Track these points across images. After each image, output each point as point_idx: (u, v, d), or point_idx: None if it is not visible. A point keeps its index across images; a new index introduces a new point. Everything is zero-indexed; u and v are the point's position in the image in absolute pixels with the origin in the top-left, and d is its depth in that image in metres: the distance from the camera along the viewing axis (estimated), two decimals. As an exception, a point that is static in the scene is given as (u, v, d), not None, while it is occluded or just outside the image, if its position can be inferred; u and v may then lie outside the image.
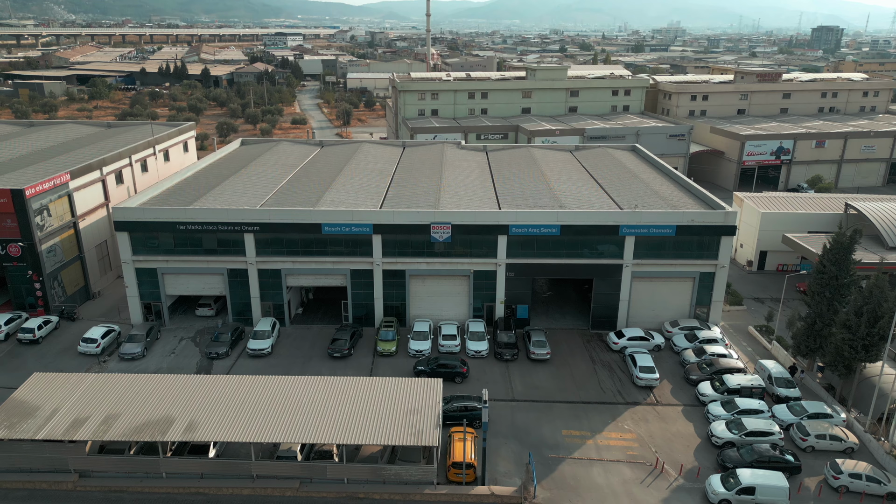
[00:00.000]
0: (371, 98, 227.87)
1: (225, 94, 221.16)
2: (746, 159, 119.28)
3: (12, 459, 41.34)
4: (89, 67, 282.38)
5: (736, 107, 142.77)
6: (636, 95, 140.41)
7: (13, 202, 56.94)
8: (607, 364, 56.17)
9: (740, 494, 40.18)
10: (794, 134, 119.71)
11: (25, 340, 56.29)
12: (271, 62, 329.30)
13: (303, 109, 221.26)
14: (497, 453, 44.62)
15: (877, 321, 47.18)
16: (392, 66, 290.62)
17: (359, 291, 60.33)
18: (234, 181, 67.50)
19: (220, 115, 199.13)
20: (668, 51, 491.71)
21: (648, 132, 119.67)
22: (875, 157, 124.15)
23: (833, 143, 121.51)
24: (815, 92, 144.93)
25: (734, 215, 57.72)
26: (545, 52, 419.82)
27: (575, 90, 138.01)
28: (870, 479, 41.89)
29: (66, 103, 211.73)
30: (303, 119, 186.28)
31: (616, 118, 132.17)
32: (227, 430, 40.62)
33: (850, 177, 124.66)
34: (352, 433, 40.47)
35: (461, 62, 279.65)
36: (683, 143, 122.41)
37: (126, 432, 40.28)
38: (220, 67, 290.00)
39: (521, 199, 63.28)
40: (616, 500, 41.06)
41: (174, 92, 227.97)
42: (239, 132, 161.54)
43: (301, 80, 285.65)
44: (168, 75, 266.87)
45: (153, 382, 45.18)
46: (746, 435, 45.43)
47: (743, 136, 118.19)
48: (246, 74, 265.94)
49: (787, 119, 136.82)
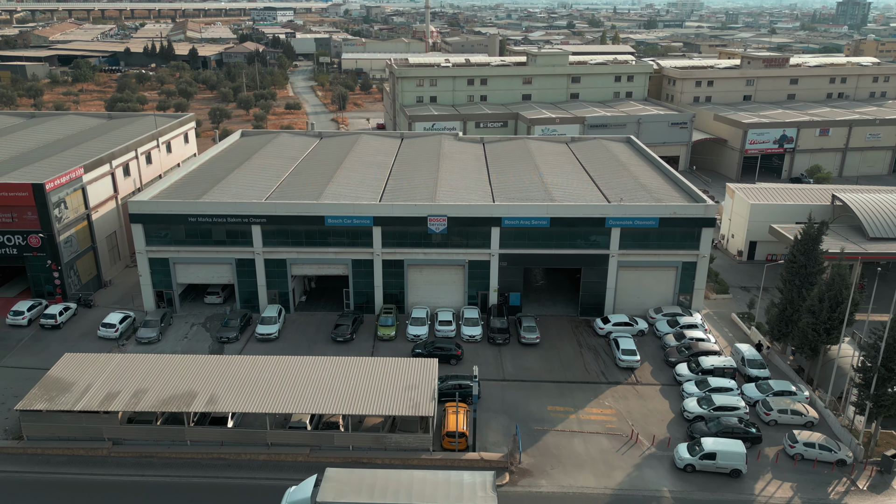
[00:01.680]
0: (367, 80, 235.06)
1: (215, 76, 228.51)
2: (749, 148, 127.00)
3: (52, 429, 49.75)
4: (71, 47, 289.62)
5: (742, 93, 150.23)
6: (639, 81, 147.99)
7: (34, 196, 65.14)
8: (593, 348, 64.60)
9: (703, 459, 48.59)
10: (797, 122, 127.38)
11: (48, 325, 64.71)
12: (261, 40, 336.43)
13: (296, 93, 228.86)
14: (488, 426, 53.06)
15: (837, 306, 55.45)
16: (389, 45, 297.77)
17: (360, 280, 68.66)
18: (239, 174, 75.64)
19: (211, 99, 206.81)
20: (682, 26, 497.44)
21: (650, 120, 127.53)
22: (881, 145, 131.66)
23: (837, 131, 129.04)
24: (824, 77, 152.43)
25: (713, 208, 65.90)
26: (551, 29, 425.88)
27: (576, 76, 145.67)
28: (822, 447, 50.27)
29: (50, 86, 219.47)
30: (297, 104, 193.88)
31: (618, 105, 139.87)
32: (245, 402, 49.10)
33: (854, 165, 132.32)
34: (356, 405, 48.94)
35: (461, 41, 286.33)
36: (686, 132, 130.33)
37: (155, 404, 48.75)
38: (209, 47, 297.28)
39: (515, 192, 71.46)
40: (593, 466, 49.51)
41: (161, 74, 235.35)
42: (232, 118, 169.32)
43: (293, 60, 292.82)
44: (154, 56, 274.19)
45: (175, 361, 53.64)
46: (715, 410, 53.80)
47: (745, 124, 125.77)
48: (236, 55, 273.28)
49: (794, 106, 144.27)
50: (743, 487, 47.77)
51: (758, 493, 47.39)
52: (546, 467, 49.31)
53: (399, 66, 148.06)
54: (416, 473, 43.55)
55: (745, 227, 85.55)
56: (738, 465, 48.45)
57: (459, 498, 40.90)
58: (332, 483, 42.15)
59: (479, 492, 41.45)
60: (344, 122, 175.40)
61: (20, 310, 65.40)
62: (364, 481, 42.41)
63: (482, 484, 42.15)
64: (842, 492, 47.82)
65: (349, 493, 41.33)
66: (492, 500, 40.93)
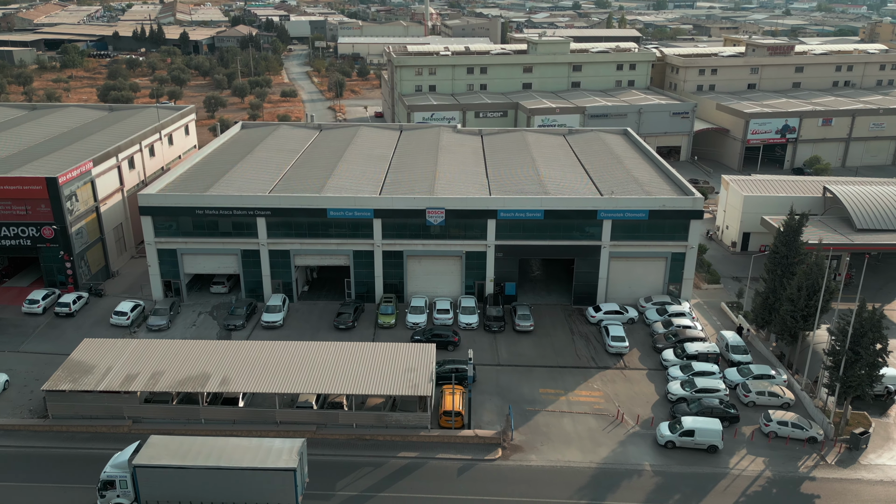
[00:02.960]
0: (364, 66, 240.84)
1: (207, 62, 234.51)
2: (751, 138, 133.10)
3: (76, 408, 56.40)
4: (57, 31, 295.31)
5: (746, 81, 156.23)
6: (642, 70, 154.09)
7: (48, 189, 71.57)
8: (585, 335, 71.21)
9: (682, 436, 55.20)
10: (799, 112, 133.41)
11: (62, 313, 71.31)
12: (253, 23, 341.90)
13: (291, 79, 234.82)
14: (482, 407, 59.70)
15: (814, 295, 61.90)
16: (386, 28, 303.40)
17: (361, 270, 75.19)
18: (242, 167, 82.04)
19: (205, 85, 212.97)
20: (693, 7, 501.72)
21: (651, 110, 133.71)
22: (884, 134, 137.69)
23: (840, 121, 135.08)
24: (829, 65, 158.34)
25: (701, 201, 72.33)
26: (556, 10, 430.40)
27: (578, 65, 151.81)
28: (795, 426, 56.87)
29: (38, 72, 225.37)
30: (293, 91, 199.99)
31: (620, 94, 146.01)
32: (255, 383, 55.73)
33: (858, 155, 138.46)
34: (359, 386, 55.58)
35: (462, 24, 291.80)
36: (687, 121, 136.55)
37: (172, 385, 55.38)
38: (200, 31, 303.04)
39: (511, 185, 77.87)
40: (580, 443, 56.15)
41: (152, 60, 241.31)
42: (227, 106, 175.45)
43: (287, 44, 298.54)
44: (143, 40, 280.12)
45: (188, 346, 60.26)
46: (697, 392, 60.39)
47: (747, 113, 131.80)
48: (228, 39, 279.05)
49: (799, 94, 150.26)
50: (719, 462, 54.39)
51: (732, 466, 54.03)
52: (536, 444, 55.94)
53: (398, 54, 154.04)
54: (231, 440, 49.42)
55: (739, 219, 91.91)
56: (715, 442, 55.03)
57: (264, 461, 46.76)
58: (150, 448, 47.92)
59: (285, 455, 47.34)
60: (341, 109, 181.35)
61: (35, 298, 72.05)
62: (182, 447, 47.99)
63: (289, 449, 47.92)
64: (811, 466, 54.44)
65: (164, 456, 47.07)
66: (293, 462, 46.71)
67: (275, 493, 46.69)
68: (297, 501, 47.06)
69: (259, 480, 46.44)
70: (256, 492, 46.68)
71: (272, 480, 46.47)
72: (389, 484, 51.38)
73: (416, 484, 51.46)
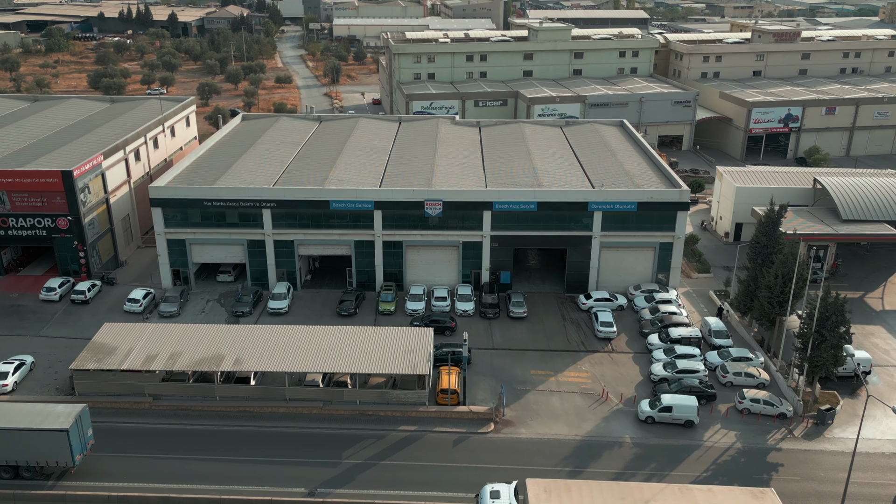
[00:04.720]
0: (361, 50, 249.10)
1: (198, 45, 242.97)
2: (754, 127, 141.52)
3: (101, 386, 65.57)
4: (40, 11, 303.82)
5: (751, 68, 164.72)
6: (644, 57, 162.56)
7: (63, 181, 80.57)
8: (575, 321, 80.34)
9: (661, 412, 64.32)
10: (802, 100, 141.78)
11: (78, 301, 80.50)
12: (244, 3, 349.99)
13: (285, 63, 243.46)
14: (477, 386, 68.86)
15: (789, 282, 70.88)
16: (384, 9, 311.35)
17: (362, 260, 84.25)
18: (246, 159, 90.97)
19: (196, 71, 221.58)
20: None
21: (652, 99, 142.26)
22: (889, 123, 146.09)
23: (844, 110, 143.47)
24: (836, 52, 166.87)
25: (687, 193, 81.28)
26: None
27: (579, 52, 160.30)
28: (766, 403, 66.00)
29: (23, 56, 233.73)
30: (287, 77, 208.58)
31: (622, 82, 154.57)
32: (266, 363, 64.91)
33: (862, 144, 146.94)
34: (362, 366, 64.74)
35: (463, 4, 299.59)
36: (689, 110, 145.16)
37: (189, 364, 64.56)
38: (189, 12, 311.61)
39: (506, 178, 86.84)
40: (567, 418, 65.29)
41: (141, 43, 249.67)
42: (221, 94, 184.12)
43: (280, 25, 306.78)
44: (130, 21, 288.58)
45: (202, 330, 69.41)
46: (678, 373, 69.47)
47: (749, 102, 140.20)
48: (219, 20, 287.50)
49: (804, 82, 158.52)
50: (694, 435, 63.52)
51: (706, 439, 63.15)
52: (526, 419, 65.11)
53: (396, 41, 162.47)
54: (16, 405, 57.98)
55: (731, 210, 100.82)
56: (691, 417, 64.18)
57: (41, 423, 54.62)
58: None
59: (62, 418, 54.92)
60: (338, 96, 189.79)
61: (52, 286, 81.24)
62: None
63: (68, 413, 55.60)
64: (779, 439, 63.57)
65: None
66: (68, 423, 54.29)
67: (51, 452, 54.81)
68: (73, 461, 55.11)
69: (35, 440, 54.51)
70: (34, 451, 54.83)
71: (47, 440, 54.46)
72: (391, 454, 60.55)
73: (416, 453, 60.62)
